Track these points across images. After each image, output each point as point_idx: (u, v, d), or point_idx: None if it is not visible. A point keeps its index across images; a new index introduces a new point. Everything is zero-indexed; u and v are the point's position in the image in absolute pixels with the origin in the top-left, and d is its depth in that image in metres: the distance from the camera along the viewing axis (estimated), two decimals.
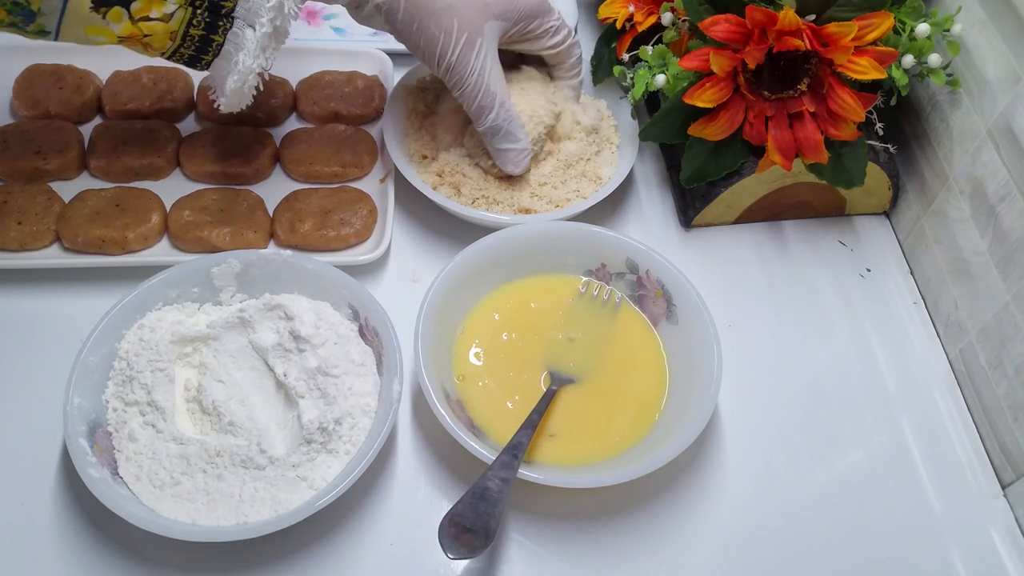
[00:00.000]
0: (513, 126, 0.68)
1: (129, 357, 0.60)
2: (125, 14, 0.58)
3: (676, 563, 0.58)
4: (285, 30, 0.62)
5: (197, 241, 0.69)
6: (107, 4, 0.57)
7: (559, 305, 0.68)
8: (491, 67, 0.67)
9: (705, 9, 0.66)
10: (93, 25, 0.58)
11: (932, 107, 0.71)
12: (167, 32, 0.59)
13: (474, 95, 0.67)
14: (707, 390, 0.60)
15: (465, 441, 0.56)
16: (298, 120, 0.81)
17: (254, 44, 0.61)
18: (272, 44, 0.62)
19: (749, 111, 0.67)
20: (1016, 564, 0.59)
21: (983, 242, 0.64)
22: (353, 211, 0.71)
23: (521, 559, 0.58)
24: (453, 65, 0.66)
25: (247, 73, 0.62)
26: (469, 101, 0.67)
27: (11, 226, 0.69)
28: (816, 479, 0.63)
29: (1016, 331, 0.61)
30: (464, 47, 0.65)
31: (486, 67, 0.66)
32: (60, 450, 0.61)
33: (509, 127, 0.68)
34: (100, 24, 0.58)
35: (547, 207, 0.71)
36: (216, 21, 0.60)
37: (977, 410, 0.65)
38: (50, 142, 0.74)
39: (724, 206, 0.74)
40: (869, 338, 0.70)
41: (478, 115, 0.68)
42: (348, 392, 0.59)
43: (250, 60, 0.61)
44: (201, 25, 0.60)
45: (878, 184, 0.74)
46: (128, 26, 0.58)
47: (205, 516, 0.55)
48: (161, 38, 0.60)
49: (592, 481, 0.57)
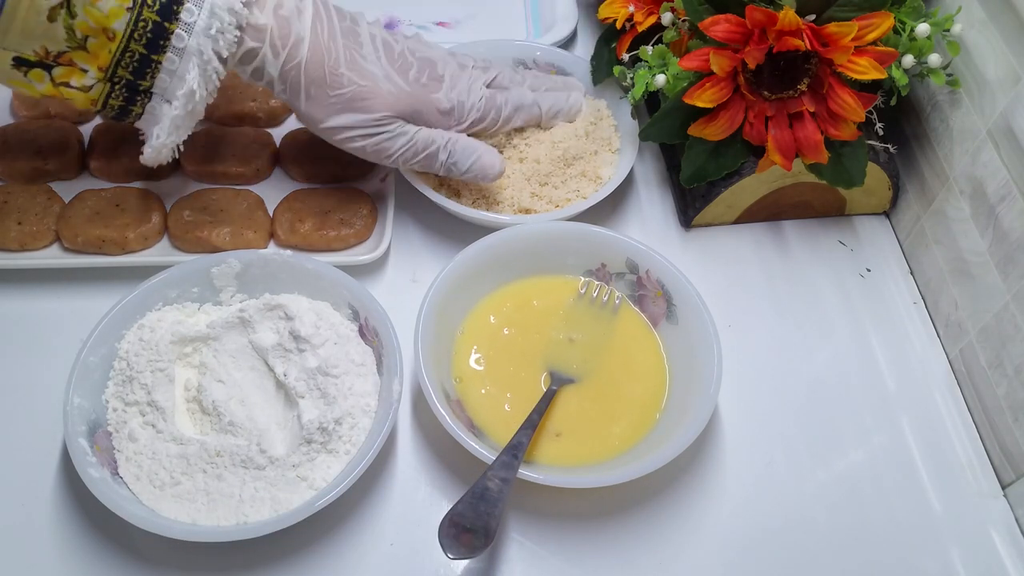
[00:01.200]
0: (461, 153, 0.68)
1: (129, 357, 0.60)
2: (47, 76, 0.59)
3: (676, 563, 0.58)
4: (199, 111, 0.63)
5: (197, 241, 0.69)
6: (28, 65, 0.59)
7: (559, 305, 0.68)
8: (412, 133, 0.67)
9: (705, 9, 0.66)
10: (15, 80, 0.60)
11: (932, 107, 0.71)
12: (88, 99, 0.61)
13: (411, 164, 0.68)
14: (707, 390, 0.60)
15: (465, 441, 0.56)
16: (298, 120, 0.81)
17: (168, 121, 0.62)
18: (186, 122, 0.63)
19: (749, 111, 0.67)
20: (1016, 564, 0.59)
21: (983, 242, 0.64)
22: (353, 211, 0.71)
23: (521, 559, 0.58)
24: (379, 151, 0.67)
25: (161, 147, 0.63)
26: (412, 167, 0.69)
27: (11, 226, 0.69)
28: (816, 479, 0.63)
29: (1016, 331, 0.61)
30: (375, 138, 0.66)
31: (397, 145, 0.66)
32: (60, 450, 0.61)
33: (460, 156, 0.68)
34: (22, 80, 0.60)
35: (547, 207, 0.72)
36: (134, 96, 0.61)
37: (977, 410, 0.65)
38: (50, 142, 0.74)
39: (724, 206, 0.74)
40: (869, 338, 0.70)
41: (429, 169, 0.69)
42: (348, 392, 0.59)
43: (164, 136, 0.63)
44: (120, 98, 0.61)
45: (878, 184, 0.74)
46: (50, 87, 0.60)
47: (205, 516, 0.55)
48: (83, 103, 0.61)
49: (592, 481, 0.57)
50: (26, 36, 0.57)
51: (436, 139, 0.68)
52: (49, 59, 0.58)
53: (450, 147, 0.68)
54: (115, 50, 0.58)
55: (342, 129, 0.65)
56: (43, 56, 0.58)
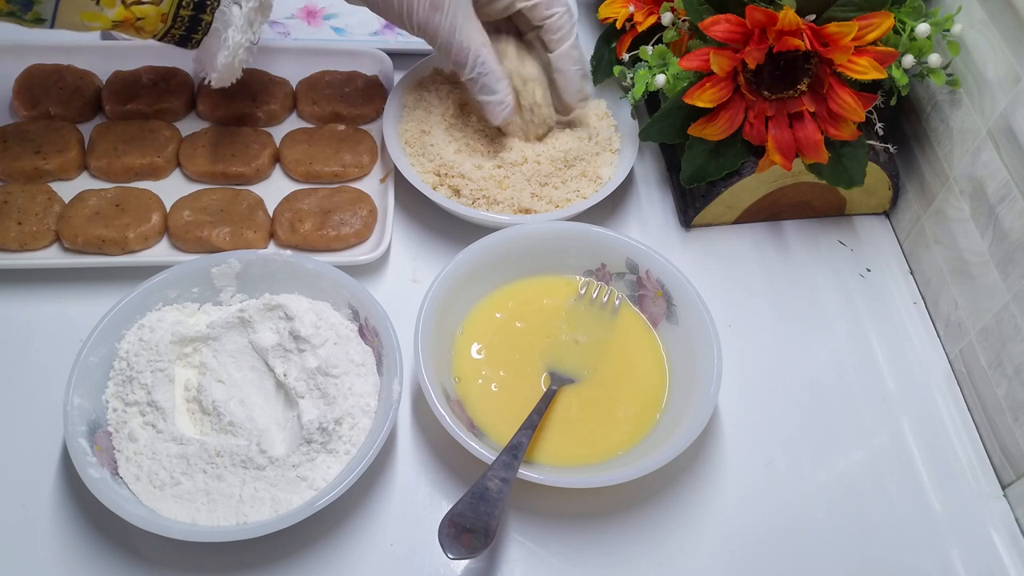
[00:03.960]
0: (490, 79, 0.69)
1: (129, 357, 0.60)
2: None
3: (676, 563, 0.58)
4: (269, 4, 0.65)
5: (197, 241, 0.69)
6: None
7: (559, 305, 0.68)
8: (462, 23, 0.68)
9: (705, 9, 0.66)
10: (88, 11, 0.60)
11: (932, 107, 0.71)
12: (158, 14, 0.62)
13: (446, 51, 0.69)
14: (707, 390, 0.60)
15: (465, 441, 0.56)
16: (298, 120, 0.81)
17: (241, 20, 0.63)
18: (259, 18, 0.65)
19: (749, 111, 0.67)
20: (1016, 564, 0.59)
21: (983, 242, 0.64)
22: (353, 211, 0.71)
23: (521, 559, 0.58)
24: (422, 25, 0.68)
25: (236, 48, 0.65)
26: (444, 56, 0.70)
27: (11, 226, 0.69)
28: (816, 479, 0.63)
29: (1016, 331, 0.61)
30: (429, 8, 0.67)
31: (455, 24, 0.67)
32: (60, 450, 0.61)
33: (486, 80, 0.70)
34: (95, 10, 0.60)
35: (547, 207, 0.72)
36: (204, 1, 0.62)
37: (977, 410, 0.65)
38: (50, 142, 0.74)
39: (724, 206, 0.74)
40: (869, 338, 0.70)
41: (457, 69, 0.70)
42: (348, 392, 0.59)
43: (239, 36, 0.64)
44: (190, 6, 0.62)
45: (878, 184, 0.74)
46: (121, 10, 0.60)
47: (205, 516, 0.55)
48: (153, 21, 0.62)
49: (592, 481, 0.57)
50: None
51: (481, 53, 0.69)
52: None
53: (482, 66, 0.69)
54: None
55: None
56: None
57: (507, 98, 0.71)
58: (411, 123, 0.76)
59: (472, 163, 0.72)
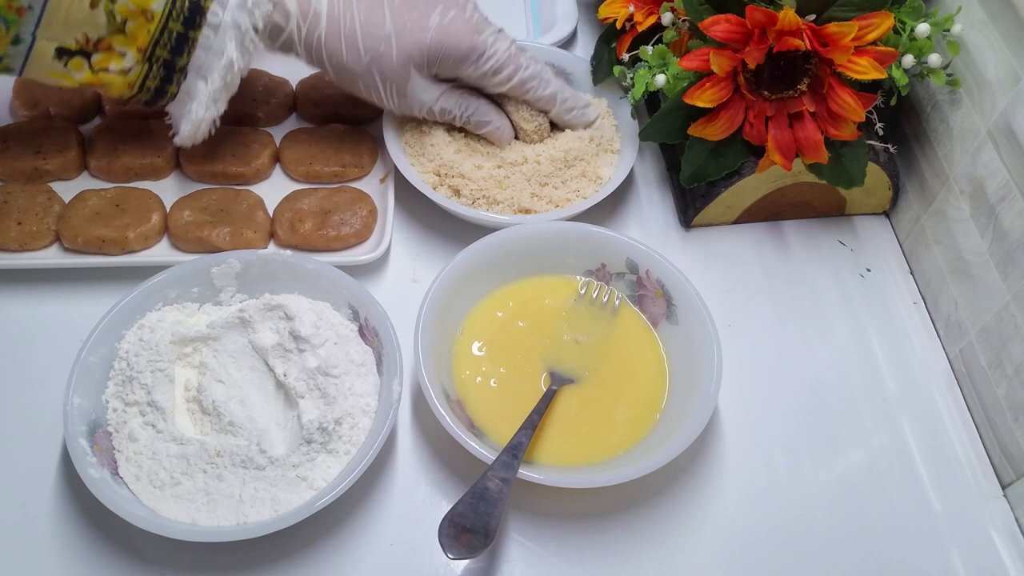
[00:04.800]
0: (478, 114, 0.72)
1: (129, 357, 0.60)
2: (86, 64, 0.62)
3: (676, 563, 0.58)
4: (235, 84, 0.66)
5: (197, 241, 0.69)
6: (69, 55, 0.61)
7: (559, 305, 0.68)
8: (438, 94, 0.70)
9: (705, 9, 0.66)
10: (56, 71, 0.62)
11: (932, 107, 0.71)
12: (125, 83, 0.64)
13: (431, 119, 0.73)
14: (707, 390, 0.60)
15: (465, 441, 0.56)
16: (298, 120, 0.81)
17: (206, 96, 0.65)
18: (223, 96, 0.66)
19: (749, 111, 0.67)
20: (1016, 564, 0.59)
21: (983, 242, 0.64)
22: (353, 211, 0.71)
23: (521, 559, 0.58)
24: (399, 108, 0.71)
25: (199, 122, 0.66)
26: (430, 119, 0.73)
27: (11, 226, 0.69)
28: (816, 479, 0.63)
29: (1016, 331, 0.61)
30: (397, 95, 0.69)
31: (426, 100, 0.70)
32: (60, 450, 0.61)
33: (476, 117, 0.72)
34: (62, 71, 0.62)
35: (547, 207, 0.72)
36: (171, 75, 0.64)
37: (977, 410, 0.65)
38: (50, 142, 0.74)
39: (724, 206, 0.74)
40: (869, 338, 0.70)
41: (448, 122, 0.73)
42: (348, 392, 0.59)
43: (202, 111, 0.66)
44: (157, 79, 0.64)
45: (878, 184, 0.74)
46: (89, 75, 0.63)
47: (205, 516, 0.55)
48: (119, 87, 0.64)
49: (592, 481, 0.57)
50: (68, 25, 0.60)
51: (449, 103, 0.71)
52: (89, 46, 0.61)
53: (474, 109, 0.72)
54: (154, 30, 0.61)
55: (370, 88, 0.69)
56: (83, 44, 0.61)
57: (502, 123, 0.73)
58: (411, 123, 0.76)
59: (472, 163, 0.72)
